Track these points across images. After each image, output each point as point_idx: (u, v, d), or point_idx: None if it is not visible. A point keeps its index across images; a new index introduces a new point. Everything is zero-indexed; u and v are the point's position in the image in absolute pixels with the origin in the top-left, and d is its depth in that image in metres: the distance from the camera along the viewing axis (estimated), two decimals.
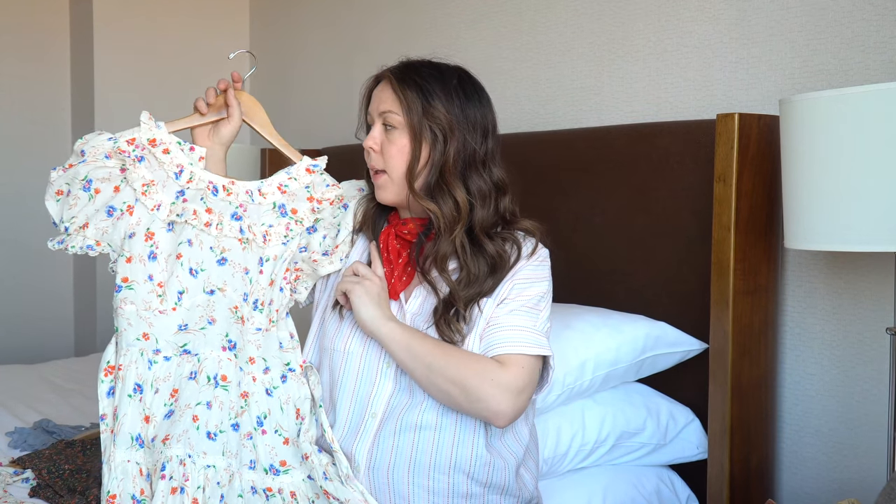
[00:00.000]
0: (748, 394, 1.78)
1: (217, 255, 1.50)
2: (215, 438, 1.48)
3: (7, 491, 1.68)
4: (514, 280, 1.48)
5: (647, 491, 1.84)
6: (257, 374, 1.50)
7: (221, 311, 1.51)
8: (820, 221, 1.46)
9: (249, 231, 1.50)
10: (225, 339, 1.51)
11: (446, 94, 1.48)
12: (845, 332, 1.78)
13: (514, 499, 1.51)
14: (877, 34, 1.71)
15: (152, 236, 1.50)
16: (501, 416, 1.41)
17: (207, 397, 1.49)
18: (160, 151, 1.52)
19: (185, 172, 1.52)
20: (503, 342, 1.43)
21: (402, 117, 1.47)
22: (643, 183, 2.02)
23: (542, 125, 2.41)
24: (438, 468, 1.44)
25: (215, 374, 1.50)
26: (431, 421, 1.44)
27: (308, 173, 1.56)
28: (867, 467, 1.74)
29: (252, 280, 1.50)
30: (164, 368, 1.50)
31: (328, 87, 3.29)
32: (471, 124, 1.49)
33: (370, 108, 1.54)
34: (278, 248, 1.51)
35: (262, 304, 1.50)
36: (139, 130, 1.53)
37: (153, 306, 1.49)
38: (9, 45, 3.55)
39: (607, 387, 1.87)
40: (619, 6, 2.22)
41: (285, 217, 1.52)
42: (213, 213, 1.51)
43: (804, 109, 1.47)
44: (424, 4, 2.84)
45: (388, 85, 1.50)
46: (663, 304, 1.97)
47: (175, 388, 1.50)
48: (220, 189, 1.53)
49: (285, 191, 1.54)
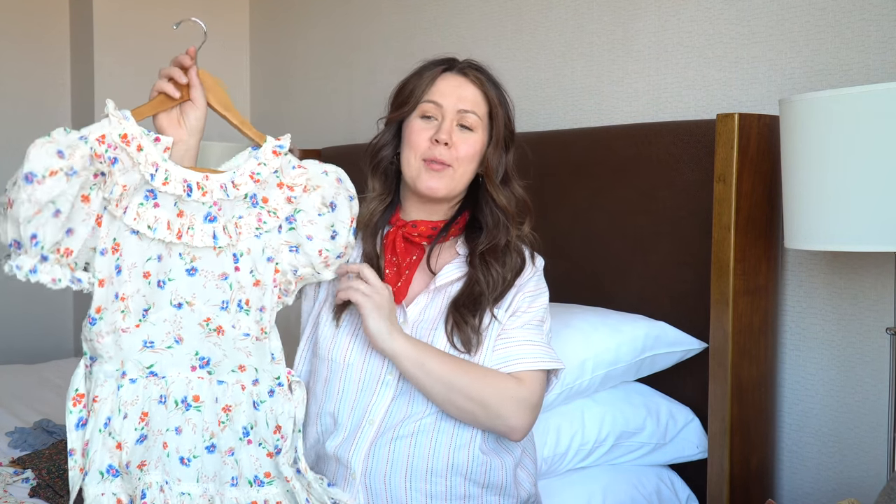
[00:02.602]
0: (748, 394, 1.78)
1: (187, 264, 1.37)
2: (189, 464, 1.40)
3: (7, 491, 1.68)
4: (524, 292, 1.51)
5: (647, 491, 1.84)
6: (246, 383, 1.41)
7: (190, 327, 1.38)
8: (820, 221, 1.46)
9: (225, 233, 1.38)
10: (195, 357, 1.39)
11: (509, 103, 1.56)
12: (845, 332, 1.78)
13: (513, 499, 1.51)
14: (877, 34, 1.71)
15: (118, 247, 1.33)
16: (519, 430, 1.45)
17: (176, 422, 1.39)
18: (134, 149, 1.33)
19: (160, 172, 1.34)
20: (520, 358, 1.46)
21: (484, 121, 1.51)
22: (643, 183, 2.02)
23: (541, 125, 2.41)
24: (435, 472, 1.44)
25: (184, 397, 1.39)
26: (429, 426, 1.45)
27: (275, 156, 1.41)
28: (867, 467, 1.74)
29: (232, 284, 1.38)
30: (130, 392, 1.36)
31: (328, 87, 3.29)
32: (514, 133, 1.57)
33: (440, 99, 1.49)
34: (251, 240, 1.39)
35: (246, 304, 1.39)
36: (108, 124, 1.31)
37: (118, 325, 1.34)
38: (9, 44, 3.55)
39: (607, 386, 1.87)
40: (619, 6, 2.22)
41: (256, 207, 1.40)
42: (185, 216, 1.36)
43: (804, 109, 1.47)
44: (424, 4, 2.84)
45: (472, 84, 1.52)
46: (663, 304, 1.97)
47: (145, 412, 1.37)
48: (194, 188, 1.36)
49: (258, 179, 1.39)
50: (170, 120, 1.41)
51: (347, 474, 1.45)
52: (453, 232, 1.54)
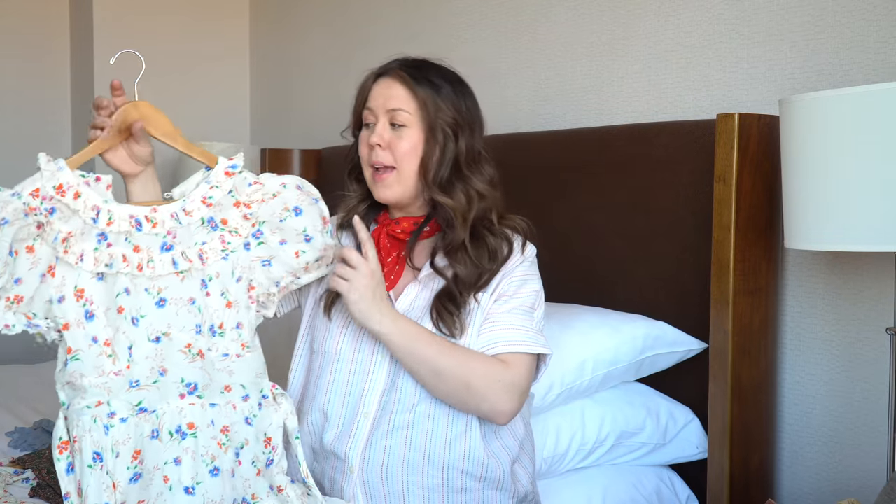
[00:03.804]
0: (748, 394, 1.78)
1: (154, 297, 1.37)
2: (194, 493, 1.39)
3: (7, 491, 1.68)
4: (511, 277, 1.50)
5: (647, 491, 1.84)
6: (237, 402, 1.41)
7: (171, 356, 1.38)
8: (820, 221, 1.46)
9: (184, 258, 1.38)
10: (182, 385, 1.39)
11: (454, 91, 1.51)
12: (845, 332, 1.78)
13: (510, 494, 1.51)
14: (877, 34, 1.71)
15: (83, 293, 1.34)
16: (505, 414, 1.44)
17: (174, 454, 1.38)
18: (70, 197, 1.34)
19: (103, 213, 1.36)
20: (506, 340, 1.45)
21: (415, 115, 1.47)
22: (643, 183, 2.02)
23: (542, 125, 2.41)
24: (432, 465, 1.45)
25: (178, 427, 1.38)
26: (424, 419, 1.45)
27: (228, 177, 1.42)
28: (867, 467, 1.74)
29: (201, 308, 1.38)
30: (121, 431, 1.36)
31: (328, 87, 3.29)
32: (472, 121, 1.52)
33: (371, 104, 1.51)
34: (219, 264, 1.40)
35: (220, 328, 1.39)
36: (41, 178, 1.34)
37: (107, 369, 1.34)
38: (9, 45, 3.55)
39: (607, 386, 1.88)
40: (619, 6, 2.22)
41: (217, 230, 1.40)
42: (142, 250, 1.36)
43: (804, 109, 1.47)
44: (424, 4, 2.84)
45: (397, 82, 1.49)
46: (663, 304, 1.97)
47: (137, 450, 1.37)
48: (143, 222, 1.37)
49: (211, 203, 1.40)
50: (118, 156, 1.45)
51: (345, 469, 1.45)
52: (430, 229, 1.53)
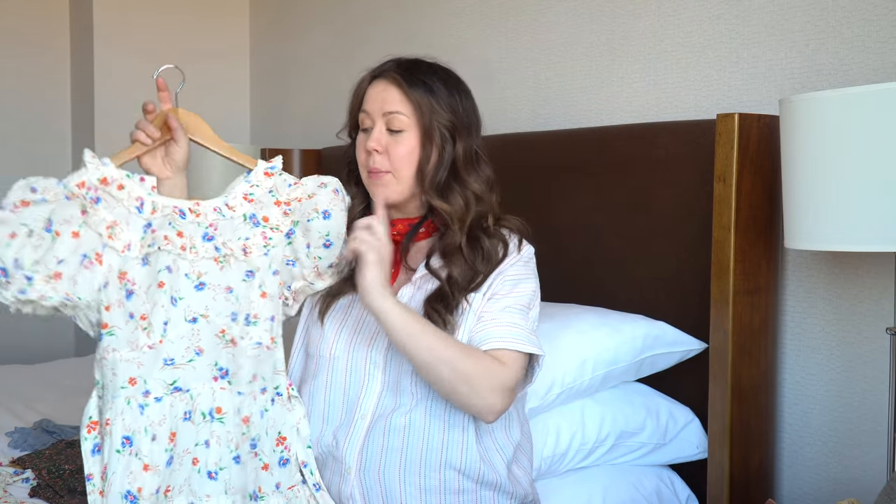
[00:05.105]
0: (748, 394, 1.78)
1: (194, 281, 1.40)
2: (216, 477, 1.40)
3: (7, 491, 1.68)
4: (504, 276, 1.49)
5: (647, 491, 1.84)
6: (257, 394, 1.43)
7: (208, 338, 1.40)
8: (820, 221, 1.46)
9: (225, 247, 1.42)
10: (215, 368, 1.41)
11: (449, 93, 1.50)
12: (845, 332, 1.78)
13: (508, 495, 1.51)
14: (877, 34, 1.71)
15: (125, 275, 1.38)
16: (494, 413, 1.42)
17: (205, 436, 1.40)
18: (115, 188, 1.40)
19: (147, 204, 1.41)
20: (499, 337, 1.43)
21: (412, 119, 1.47)
22: (643, 183, 2.02)
23: (541, 125, 2.41)
24: (429, 466, 1.44)
25: (210, 409, 1.40)
26: (420, 422, 1.44)
27: (267, 177, 1.47)
28: (867, 467, 1.74)
29: (238, 297, 1.42)
30: (157, 411, 1.37)
31: (328, 87, 3.29)
32: (469, 122, 1.51)
33: (367, 107, 1.51)
34: (261, 259, 1.44)
35: (254, 318, 1.42)
36: (86, 172, 1.39)
37: (141, 343, 1.37)
38: (9, 45, 3.55)
39: (607, 386, 1.88)
40: (619, 6, 2.22)
41: (259, 227, 1.45)
42: (185, 236, 1.41)
43: (804, 109, 1.47)
44: (424, 4, 2.84)
45: (392, 85, 1.49)
46: (663, 304, 1.97)
47: (173, 432, 1.38)
48: (186, 212, 1.43)
49: (252, 199, 1.46)
50: (154, 161, 1.47)
51: (343, 470, 1.45)
52: (426, 230, 1.53)
